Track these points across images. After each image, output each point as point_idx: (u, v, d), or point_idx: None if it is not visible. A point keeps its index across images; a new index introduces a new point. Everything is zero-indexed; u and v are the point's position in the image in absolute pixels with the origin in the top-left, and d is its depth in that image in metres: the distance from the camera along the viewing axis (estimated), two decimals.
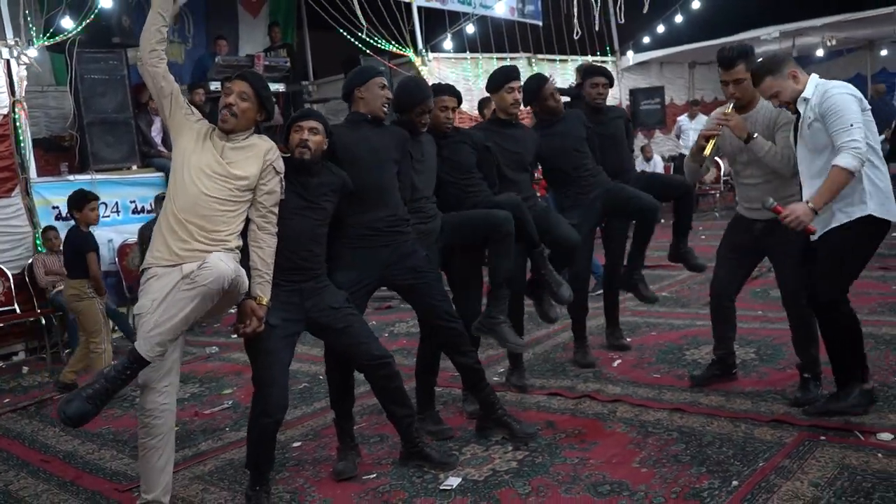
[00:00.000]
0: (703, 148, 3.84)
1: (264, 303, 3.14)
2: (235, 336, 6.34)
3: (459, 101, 4.04)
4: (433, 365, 4.02)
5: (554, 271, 4.17)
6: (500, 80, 4.31)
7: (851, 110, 3.26)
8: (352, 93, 3.63)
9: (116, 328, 6.38)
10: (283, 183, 3.22)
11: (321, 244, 3.38)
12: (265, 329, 3.15)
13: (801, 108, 3.41)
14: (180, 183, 3.10)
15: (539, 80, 4.60)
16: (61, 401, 2.92)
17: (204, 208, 3.05)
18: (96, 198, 5.45)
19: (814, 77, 3.46)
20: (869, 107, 3.38)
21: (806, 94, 3.39)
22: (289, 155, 3.30)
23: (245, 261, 3.15)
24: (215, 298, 2.91)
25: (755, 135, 3.71)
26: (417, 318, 3.90)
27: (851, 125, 3.23)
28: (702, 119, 11.78)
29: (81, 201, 5.35)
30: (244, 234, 3.18)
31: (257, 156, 3.15)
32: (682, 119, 12.30)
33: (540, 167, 4.78)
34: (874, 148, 3.37)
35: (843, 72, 15.10)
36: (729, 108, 3.81)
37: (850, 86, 3.39)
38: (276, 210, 3.20)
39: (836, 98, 3.30)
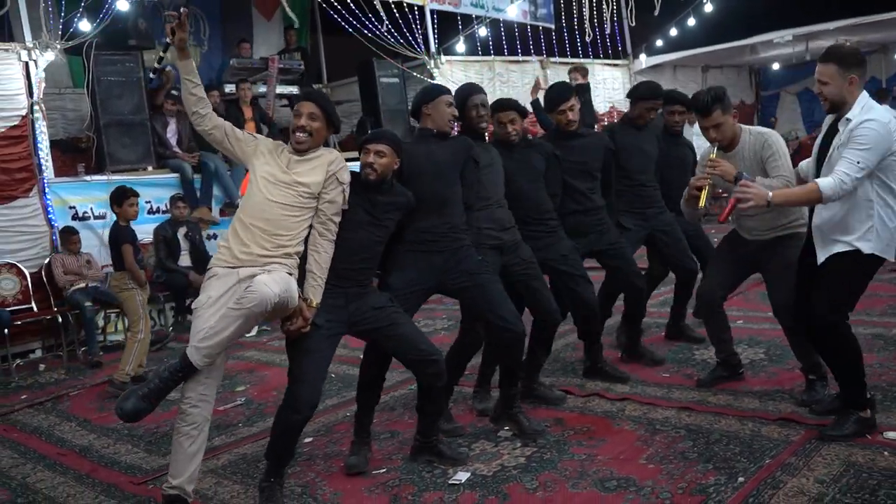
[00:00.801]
0: (697, 198, 3.77)
1: (314, 305, 3.25)
2: (248, 335, 6.43)
3: (521, 114, 4.16)
4: (461, 368, 4.11)
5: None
6: (554, 103, 4.42)
7: (872, 148, 3.16)
8: (419, 109, 3.77)
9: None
10: (346, 193, 3.33)
11: (376, 258, 3.52)
12: (310, 328, 3.25)
13: (840, 128, 3.32)
14: (249, 193, 3.30)
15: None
16: (119, 398, 3.09)
17: (268, 213, 3.21)
18: (136, 194, 5.68)
19: (863, 96, 3.31)
20: None
21: (851, 114, 3.28)
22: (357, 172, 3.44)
23: (303, 264, 3.29)
24: (259, 319, 3.13)
25: (743, 174, 3.63)
26: (460, 320, 4.03)
27: (858, 162, 3.15)
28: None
29: (121, 197, 5.60)
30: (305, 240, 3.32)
31: (322, 165, 3.30)
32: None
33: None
34: (892, 188, 3.27)
35: (795, 86, 15.12)
36: (713, 152, 3.77)
37: (892, 122, 3.22)
38: (336, 219, 3.32)
39: (867, 128, 3.19)
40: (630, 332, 4.92)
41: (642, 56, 13.13)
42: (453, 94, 3.89)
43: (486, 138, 4.12)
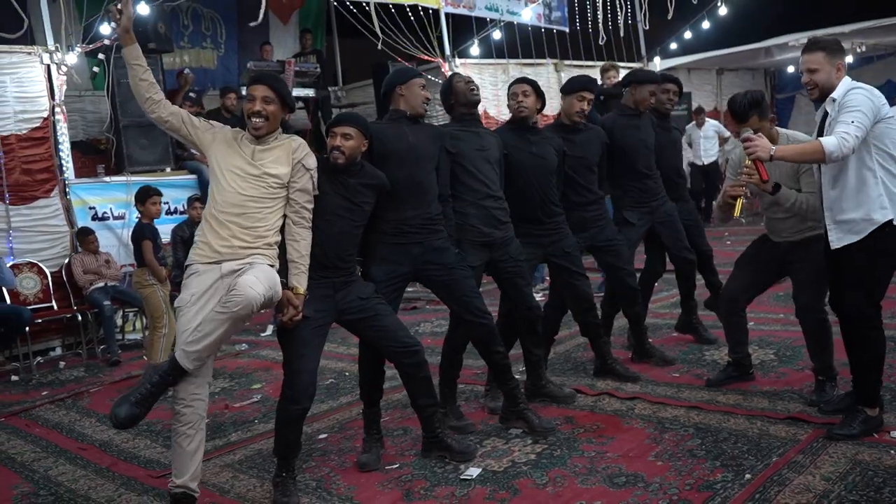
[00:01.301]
0: (732, 206, 3.74)
1: (301, 292, 3.29)
2: (264, 334, 6.51)
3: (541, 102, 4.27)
4: (457, 360, 4.14)
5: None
6: (575, 86, 4.46)
7: (862, 110, 3.24)
8: (392, 91, 3.78)
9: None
10: (315, 179, 3.35)
11: (356, 244, 3.54)
12: (300, 319, 3.30)
13: (828, 108, 3.41)
14: (218, 186, 3.27)
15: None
16: (113, 405, 3.13)
17: (241, 207, 3.21)
18: (158, 193, 5.80)
19: (846, 79, 3.42)
20: (892, 114, 3.34)
21: (835, 94, 3.37)
22: (326, 157, 3.45)
23: (282, 254, 3.32)
24: (247, 319, 3.16)
25: (780, 187, 3.72)
26: (449, 314, 4.05)
27: (853, 121, 3.22)
28: (709, 126, 11.75)
29: (145, 195, 5.74)
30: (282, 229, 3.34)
31: (286, 154, 3.30)
32: (689, 127, 12.15)
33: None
34: (893, 155, 3.34)
35: (875, 78, 14.96)
36: (748, 158, 3.58)
37: (876, 91, 3.34)
38: (309, 206, 3.34)
39: (852, 95, 3.30)
40: (634, 332, 4.97)
41: (657, 59, 13.13)
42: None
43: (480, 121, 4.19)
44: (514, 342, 4.33)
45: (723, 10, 12.06)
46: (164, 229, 7.41)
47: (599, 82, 7.83)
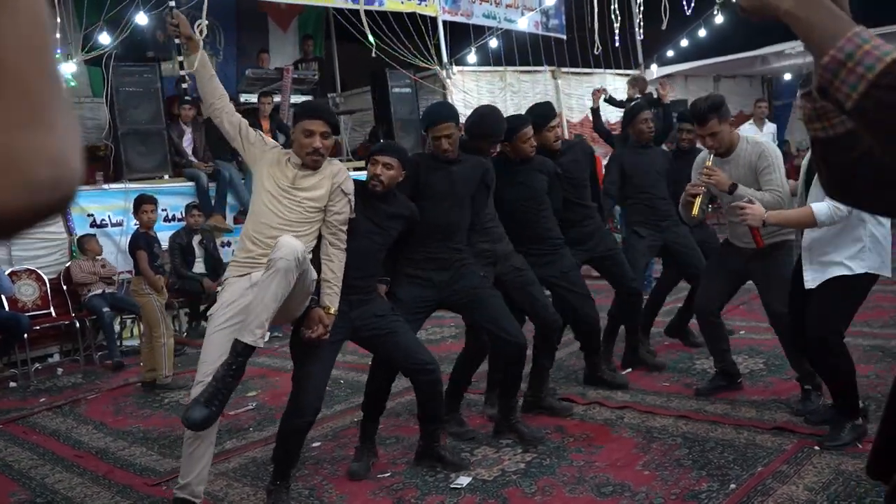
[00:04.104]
0: (691, 204, 3.89)
1: (332, 312, 3.34)
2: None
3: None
4: (470, 374, 4.22)
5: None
6: (541, 121, 4.39)
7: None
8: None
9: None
10: (353, 203, 3.42)
11: (378, 265, 3.63)
12: None
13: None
14: (258, 207, 3.35)
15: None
16: (184, 410, 3.11)
17: (274, 230, 3.27)
18: (151, 201, 5.86)
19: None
20: None
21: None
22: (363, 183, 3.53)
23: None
24: (295, 272, 3.05)
25: (738, 186, 3.82)
26: (465, 328, 4.15)
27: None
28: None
29: (137, 205, 5.88)
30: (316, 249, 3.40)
31: (327, 178, 3.37)
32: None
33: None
34: None
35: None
36: (709, 159, 3.88)
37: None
38: (344, 228, 3.41)
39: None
40: (629, 339, 5.03)
41: (654, 66, 13.22)
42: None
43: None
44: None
45: (719, 18, 12.12)
46: (163, 236, 7.50)
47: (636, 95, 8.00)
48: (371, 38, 9.15)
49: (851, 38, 1.00)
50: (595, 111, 8.29)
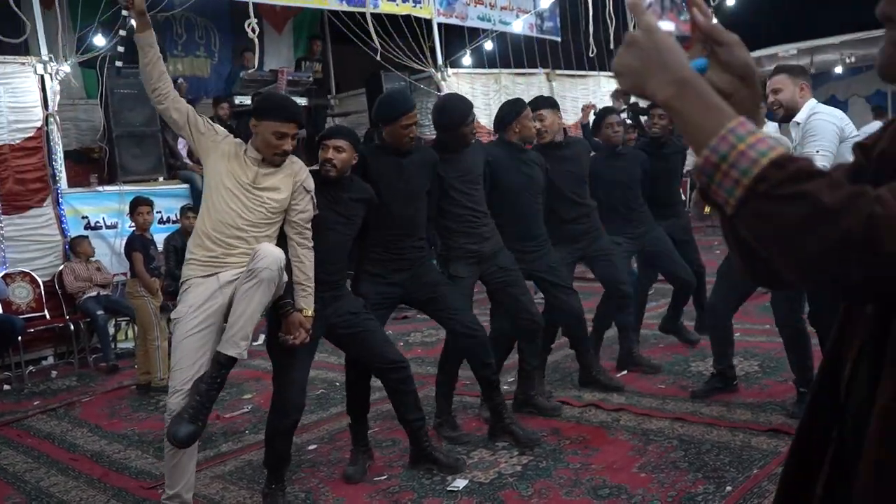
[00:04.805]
0: (704, 203, 3.91)
1: (310, 314, 3.30)
2: (255, 343, 6.53)
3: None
4: (453, 373, 4.21)
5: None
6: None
7: (826, 138, 3.33)
8: (378, 126, 3.80)
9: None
10: (315, 200, 3.38)
11: (346, 257, 3.59)
12: None
13: (793, 132, 3.53)
14: (214, 204, 3.22)
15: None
16: (168, 427, 3.02)
17: (239, 230, 3.19)
18: (146, 202, 5.88)
19: (811, 101, 3.55)
20: (856, 133, 3.42)
21: (798, 118, 3.49)
22: (317, 169, 3.48)
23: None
24: (277, 281, 3.04)
25: None
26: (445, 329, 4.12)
27: (818, 150, 3.31)
28: None
29: (134, 206, 5.90)
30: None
31: (288, 177, 3.29)
32: None
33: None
34: None
35: (864, 88, 15.13)
36: None
37: (839, 114, 3.46)
38: (309, 226, 3.36)
39: (815, 122, 3.40)
40: (622, 341, 5.04)
41: None
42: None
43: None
44: (507, 356, 4.39)
45: (713, 22, 12.14)
46: (157, 239, 7.48)
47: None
48: (377, 45, 9.18)
49: (725, 137, 0.88)
50: (585, 126, 8.32)
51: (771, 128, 3.83)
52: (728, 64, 1.02)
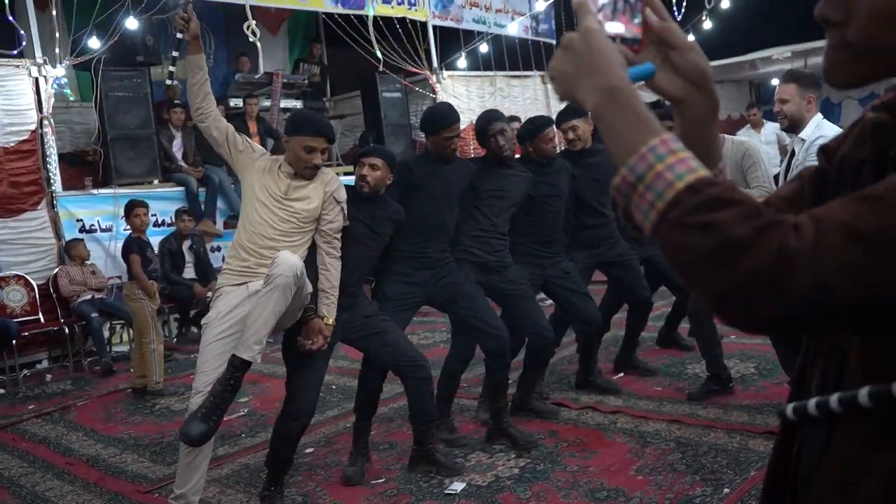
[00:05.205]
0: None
1: (330, 322, 3.35)
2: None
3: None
4: (456, 377, 4.23)
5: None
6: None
7: None
8: (430, 135, 3.86)
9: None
10: (346, 211, 3.44)
11: (368, 269, 3.69)
12: None
13: (796, 147, 3.50)
14: (249, 217, 3.35)
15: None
16: (182, 426, 3.09)
17: (269, 240, 3.29)
18: (143, 205, 5.91)
19: (817, 117, 3.51)
20: None
21: (804, 133, 3.46)
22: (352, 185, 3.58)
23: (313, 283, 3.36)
24: (293, 288, 3.08)
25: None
26: (452, 330, 4.19)
27: None
28: (770, 129, 11.86)
29: (128, 209, 5.89)
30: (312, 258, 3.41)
31: (319, 187, 3.39)
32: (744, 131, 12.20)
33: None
34: None
35: (858, 91, 15.18)
36: None
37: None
38: (339, 236, 3.44)
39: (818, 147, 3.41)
40: (625, 344, 5.04)
41: None
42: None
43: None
44: (513, 357, 4.39)
45: (707, 24, 12.19)
46: (153, 241, 7.46)
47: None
48: (379, 55, 9.19)
49: (644, 156, 0.80)
50: None
51: (771, 128, 3.84)
52: (681, 68, 0.95)
